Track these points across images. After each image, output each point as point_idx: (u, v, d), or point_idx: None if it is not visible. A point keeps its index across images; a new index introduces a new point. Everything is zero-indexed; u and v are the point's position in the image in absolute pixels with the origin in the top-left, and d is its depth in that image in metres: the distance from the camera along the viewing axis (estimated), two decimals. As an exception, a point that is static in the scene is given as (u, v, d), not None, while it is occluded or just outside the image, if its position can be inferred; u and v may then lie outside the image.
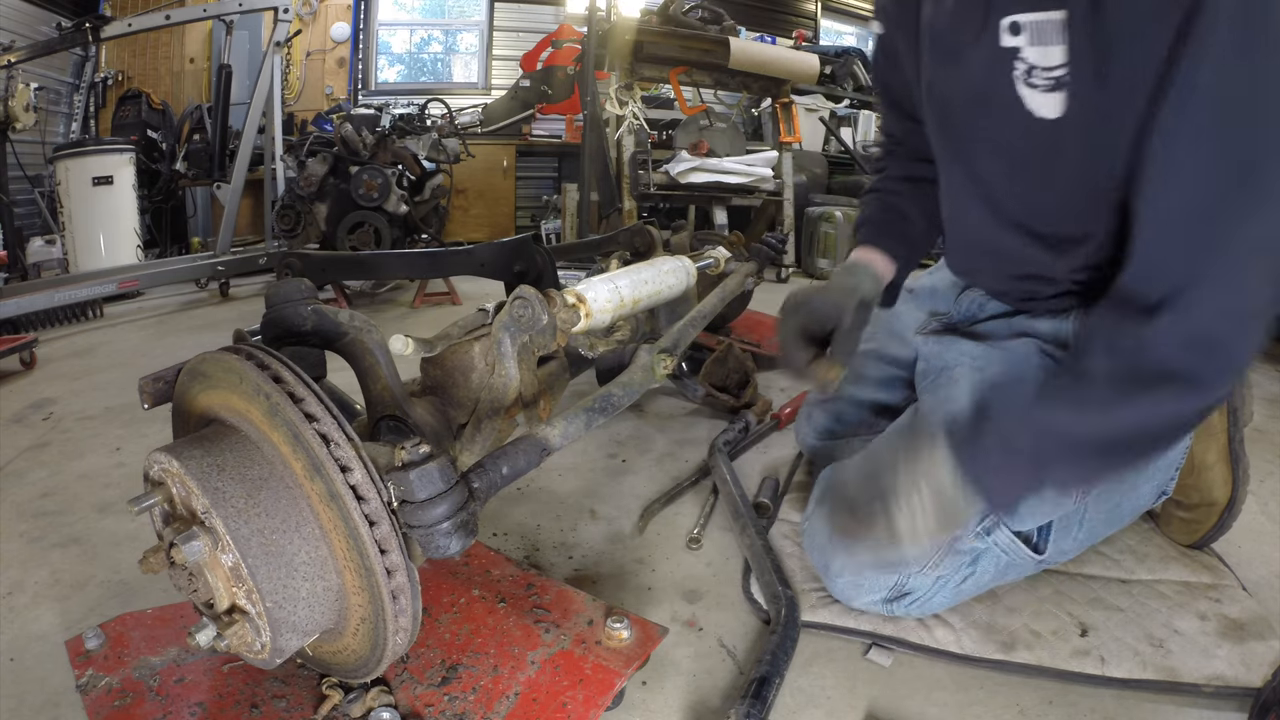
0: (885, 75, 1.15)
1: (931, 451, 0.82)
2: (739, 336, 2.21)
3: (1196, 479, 1.14)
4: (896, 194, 1.19)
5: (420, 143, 3.84)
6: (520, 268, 2.01)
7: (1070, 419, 0.77)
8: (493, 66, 6.25)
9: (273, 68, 3.65)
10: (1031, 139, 0.84)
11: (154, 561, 0.67)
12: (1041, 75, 0.79)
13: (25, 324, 2.69)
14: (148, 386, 0.79)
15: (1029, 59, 0.79)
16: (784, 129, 4.25)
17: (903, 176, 1.20)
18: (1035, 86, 0.80)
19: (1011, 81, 0.81)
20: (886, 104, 1.20)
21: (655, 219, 4.30)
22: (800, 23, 7.00)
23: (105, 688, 0.80)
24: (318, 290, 1.04)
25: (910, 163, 1.19)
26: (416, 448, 0.67)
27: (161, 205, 4.61)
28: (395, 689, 0.81)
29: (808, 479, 1.39)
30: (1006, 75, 0.81)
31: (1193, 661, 0.91)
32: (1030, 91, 0.80)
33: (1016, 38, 0.79)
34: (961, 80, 0.90)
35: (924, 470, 0.81)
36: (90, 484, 1.45)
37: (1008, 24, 0.79)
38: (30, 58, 3.44)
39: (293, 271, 2.23)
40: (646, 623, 0.89)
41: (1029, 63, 0.79)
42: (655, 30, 3.88)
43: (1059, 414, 0.78)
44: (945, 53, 0.91)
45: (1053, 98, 0.79)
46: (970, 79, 0.88)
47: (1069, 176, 0.85)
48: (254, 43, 5.03)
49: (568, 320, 0.99)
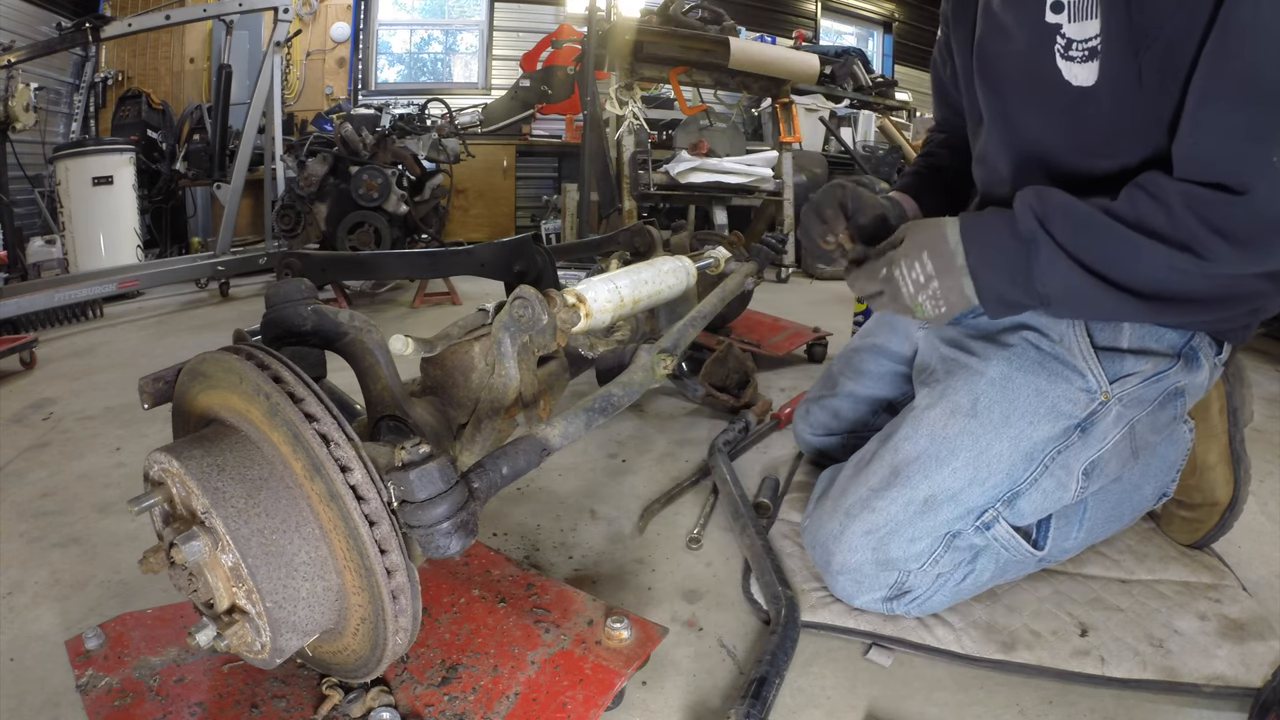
0: (939, 72, 1.26)
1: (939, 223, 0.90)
2: (739, 336, 2.21)
3: (1199, 479, 1.14)
4: (937, 157, 1.30)
5: (420, 143, 3.84)
6: (520, 268, 2.01)
7: (1093, 242, 0.81)
8: (493, 66, 6.25)
9: (273, 68, 3.65)
10: (1070, 105, 0.90)
11: (154, 561, 0.67)
12: (1078, 47, 0.86)
13: (25, 324, 2.69)
14: (148, 386, 0.79)
15: (1068, 34, 0.86)
16: (784, 129, 4.26)
17: (947, 146, 1.30)
18: (1072, 59, 0.87)
19: (1053, 54, 0.88)
20: (939, 100, 1.32)
21: (655, 219, 4.30)
22: (800, 23, 7.00)
23: (105, 688, 0.80)
24: (318, 290, 1.04)
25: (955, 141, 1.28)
26: (416, 448, 0.67)
27: (161, 205, 4.61)
28: (395, 689, 0.81)
29: (808, 479, 1.39)
30: (1049, 49, 0.88)
31: (1193, 661, 0.91)
32: (1067, 64, 0.87)
33: (1058, 15, 0.86)
34: (1012, 53, 0.96)
35: (930, 237, 0.90)
36: (90, 484, 1.45)
37: (1051, 3, 0.87)
38: (30, 58, 3.45)
39: (293, 271, 2.23)
40: (646, 623, 0.89)
41: (1068, 37, 0.86)
42: (655, 30, 3.88)
43: (1081, 234, 0.82)
44: (998, 31, 0.98)
45: (1089, 67, 0.86)
46: (1019, 52, 0.94)
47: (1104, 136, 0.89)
48: (254, 43, 5.03)
49: (568, 320, 0.99)
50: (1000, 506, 0.97)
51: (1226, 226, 0.75)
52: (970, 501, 0.96)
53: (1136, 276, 0.81)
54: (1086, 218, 0.81)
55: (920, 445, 0.99)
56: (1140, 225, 0.78)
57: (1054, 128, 0.94)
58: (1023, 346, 0.98)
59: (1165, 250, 0.77)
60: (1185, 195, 0.76)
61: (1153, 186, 0.79)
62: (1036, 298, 0.87)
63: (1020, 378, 0.96)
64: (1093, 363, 0.94)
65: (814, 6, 7.17)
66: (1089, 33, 0.84)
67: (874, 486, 1.01)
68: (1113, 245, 0.80)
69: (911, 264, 0.91)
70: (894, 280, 0.92)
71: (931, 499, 0.96)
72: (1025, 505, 0.97)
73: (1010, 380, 0.97)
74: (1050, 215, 0.83)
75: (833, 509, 1.04)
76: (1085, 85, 0.86)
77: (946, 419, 0.99)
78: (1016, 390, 0.96)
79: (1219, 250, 0.76)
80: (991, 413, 0.96)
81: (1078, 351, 0.95)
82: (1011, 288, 0.87)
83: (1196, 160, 0.77)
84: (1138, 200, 0.80)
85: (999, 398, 0.97)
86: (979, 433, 0.96)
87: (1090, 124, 0.90)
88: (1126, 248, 0.80)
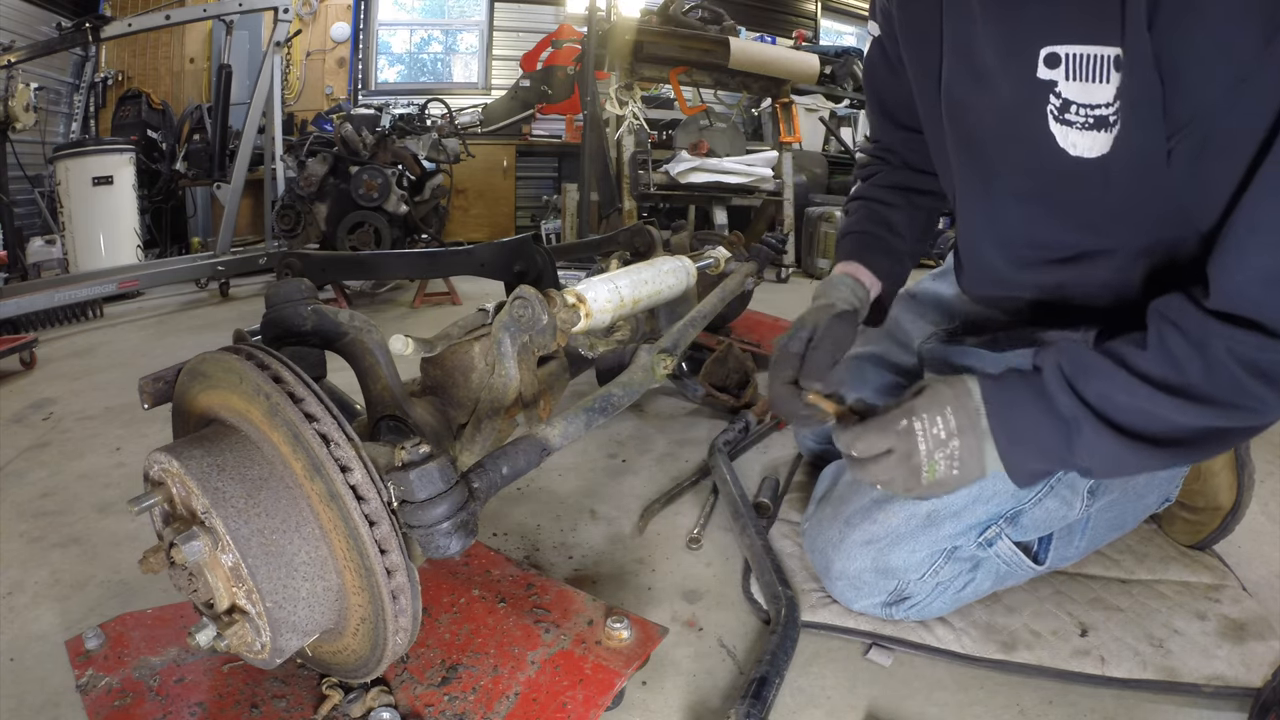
0: (881, 83, 1.10)
1: (960, 379, 0.78)
2: (739, 336, 2.21)
3: (1202, 484, 1.13)
4: (885, 204, 1.14)
5: (420, 143, 3.84)
6: (520, 268, 2.01)
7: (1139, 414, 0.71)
8: (493, 66, 6.25)
9: (273, 68, 3.65)
10: (1063, 176, 0.80)
11: (154, 561, 0.67)
12: (1081, 112, 0.74)
13: (25, 324, 2.69)
14: (148, 386, 0.79)
15: (1065, 94, 0.74)
16: (784, 129, 4.26)
17: (893, 185, 1.15)
18: (1070, 124, 0.75)
19: (1044, 115, 0.77)
20: (879, 112, 1.15)
21: (655, 219, 4.29)
22: (800, 23, 7.00)
23: (105, 688, 0.80)
24: (318, 290, 1.04)
25: (903, 171, 1.15)
26: (416, 448, 0.67)
27: (161, 205, 4.61)
28: (395, 689, 0.81)
29: (808, 479, 1.39)
30: (1039, 109, 0.77)
31: (1193, 661, 0.91)
32: (1063, 129, 0.76)
33: (1054, 70, 0.74)
34: (989, 107, 0.85)
35: (953, 393, 0.77)
36: (90, 484, 1.45)
37: (1046, 54, 0.74)
38: (30, 58, 3.44)
39: (293, 271, 2.23)
40: (646, 623, 0.89)
41: (1065, 98, 0.75)
42: (655, 30, 3.88)
43: (1126, 409, 0.71)
44: (973, 74, 0.85)
45: (1093, 136, 0.74)
46: (1000, 107, 0.83)
47: (1107, 214, 0.81)
48: (254, 43, 5.03)
49: (568, 320, 0.99)
50: (1003, 523, 0.95)
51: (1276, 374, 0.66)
52: (973, 518, 0.95)
53: (1185, 433, 0.71)
54: (1128, 387, 0.71)
55: None
56: (1186, 390, 0.68)
57: (1042, 198, 0.86)
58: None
59: (1215, 411, 0.68)
60: (1229, 343, 0.66)
61: (1187, 323, 0.69)
62: (1075, 468, 0.78)
63: None
64: None
65: (814, 6, 7.16)
66: (1097, 98, 0.72)
67: (875, 497, 1.00)
68: (1159, 412, 0.70)
69: (934, 417, 0.77)
70: (912, 433, 0.77)
71: (934, 514, 0.95)
72: (1028, 522, 0.95)
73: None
74: (1088, 387, 0.72)
75: (833, 516, 1.03)
76: (1087, 156, 0.76)
77: None
78: None
79: (1271, 403, 0.67)
80: None
81: None
82: (1046, 463, 0.78)
83: (1240, 294, 0.66)
84: (1170, 344, 0.69)
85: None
86: None
87: (1090, 199, 0.81)
88: (1171, 409, 0.69)
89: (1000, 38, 0.80)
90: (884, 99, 1.12)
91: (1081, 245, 0.87)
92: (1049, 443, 0.74)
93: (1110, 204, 0.80)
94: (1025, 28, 0.76)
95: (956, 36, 0.86)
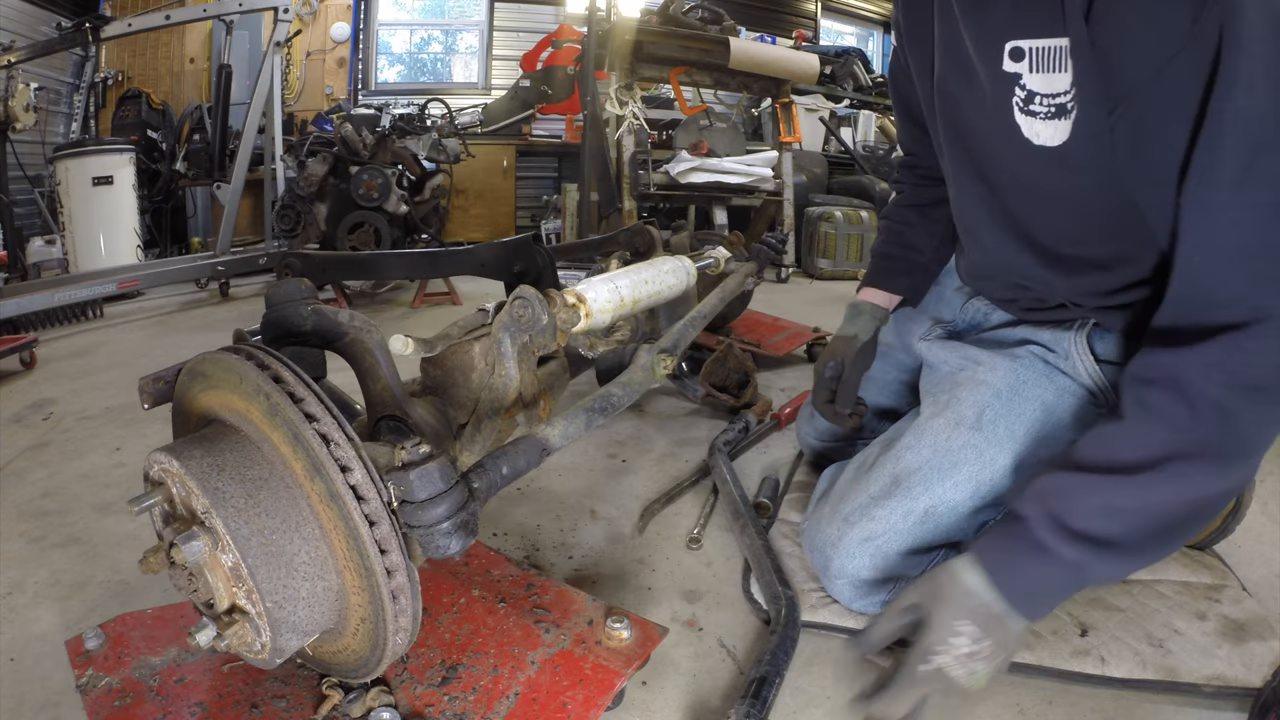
0: (901, 88, 1.15)
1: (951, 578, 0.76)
2: (739, 336, 2.21)
3: None
4: (905, 224, 1.24)
5: (420, 143, 3.84)
6: (520, 268, 2.01)
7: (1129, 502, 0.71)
8: (493, 66, 6.25)
9: (273, 68, 3.65)
10: (1032, 165, 0.83)
11: (154, 561, 0.67)
12: (1043, 102, 0.77)
13: (25, 324, 2.69)
14: (148, 386, 0.79)
15: (1030, 85, 0.78)
16: (784, 129, 4.26)
17: (913, 204, 1.24)
18: (1034, 114, 0.78)
19: (1010, 108, 0.80)
20: (903, 116, 1.21)
21: (655, 219, 4.29)
22: (800, 23, 7.00)
23: (105, 688, 0.80)
24: (318, 290, 1.04)
25: (921, 187, 1.22)
26: (416, 448, 0.67)
27: (161, 205, 4.61)
28: (395, 689, 0.81)
29: (808, 479, 1.39)
30: (1006, 101, 0.81)
31: (1193, 661, 0.91)
32: (1028, 119, 0.79)
33: (1018, 64, 0.78)
34: (974, 100, 0.88)
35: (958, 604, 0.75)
36: (90, 484, 1.45)
37: (1010, 49, 0.78)
38: (30, 58, 3.45)
39: (293, 271, 2.23)
40: (646, 623, 0.89)
41: (1029, 89, 0.78)
42: (655, 30, 3.88)
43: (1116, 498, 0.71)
44: (959, 70, 0.89)
45: (1055, 125, 0.77)
46: (980, 99, 0.87)
47: (1077, 201, 0.83)
48: (254, 43, 5.03)
49: (568, 320, 0.99)
50: None
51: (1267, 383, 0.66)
52: (971, 514, 0.95)
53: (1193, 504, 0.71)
54: (1124, 490, 0.70)
55: (923, 456, 0.99)
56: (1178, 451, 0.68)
57: (1023, 187, 0.89)
58: (1030, 359, 0.97)
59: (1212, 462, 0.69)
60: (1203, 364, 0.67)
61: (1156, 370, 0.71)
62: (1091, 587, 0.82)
63: (1027, 391, 0.95)
64: (1098, 377, 0.93)
65: (814, 6, 7.16)
66: (1057, 87, 0.75)
67: (874, 494, 1.00)
68: (1157, 499, 0.70)
69: (951, 639, 0.74)
70: (943, 672, 0.74)
71: (931, 510, 0.96)
72: None
73: (1017, 393, 0.95)
74: (1085, 519, 0.71)
75: (831, 514, 1.04)
76: (1050, 145, 0.79)
77: (950, 430, 0.98)
78: (1023, 404, 0.95)
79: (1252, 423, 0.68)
80: (996, 426, 0.95)
81: (1083, 368, 0.94)
82: (1064, 597, 0.79)
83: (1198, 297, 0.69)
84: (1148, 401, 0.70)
85: (1004, 411, 0.95)
86: (983, 446, 0.95)
87: (1062, 187, 0.83)
88: (1170, 490, 0.70)
89: (974, 35, 0.84)
90: (904, 102, 1.17)
91: (1064, 232, 0.89)
92: (1066, 587, 0.75)
93: (1080, 191, 0.82)
94: (992, 24, 0.80)
95: (945, 35, 0.91)
